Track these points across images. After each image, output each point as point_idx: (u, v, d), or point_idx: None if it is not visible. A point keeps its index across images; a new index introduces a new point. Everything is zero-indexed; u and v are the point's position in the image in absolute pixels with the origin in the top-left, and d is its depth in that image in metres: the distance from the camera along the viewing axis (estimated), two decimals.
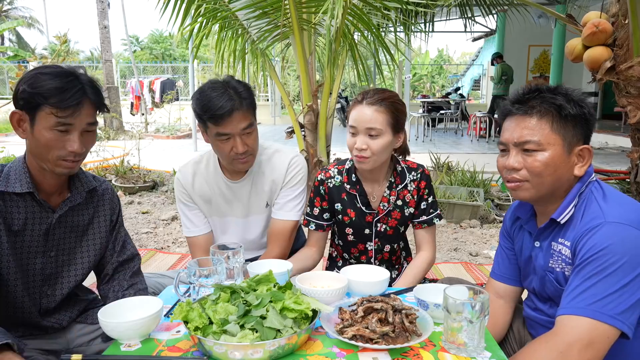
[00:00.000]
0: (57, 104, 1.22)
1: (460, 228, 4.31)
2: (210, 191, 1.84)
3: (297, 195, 1.84)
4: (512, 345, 1.49)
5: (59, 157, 1.28)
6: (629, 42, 3.26)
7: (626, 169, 4.18)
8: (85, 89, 1.28)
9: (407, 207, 1.78)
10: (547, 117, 1.19)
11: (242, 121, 1.62)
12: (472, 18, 5.53)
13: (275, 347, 1.02)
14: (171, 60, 29.91)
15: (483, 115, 10.68)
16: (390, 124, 1.63)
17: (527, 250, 1.37)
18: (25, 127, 1.27)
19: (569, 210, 1.22)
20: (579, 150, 1.21)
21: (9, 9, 27.20)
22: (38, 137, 1.25)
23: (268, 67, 3.89)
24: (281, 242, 1.83)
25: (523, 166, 1.21)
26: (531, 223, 1.36)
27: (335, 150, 6.20)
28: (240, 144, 1.63)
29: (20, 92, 1.24)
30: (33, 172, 1.34)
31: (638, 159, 3.56)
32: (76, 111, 1.25)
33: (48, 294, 1.40)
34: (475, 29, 10.89)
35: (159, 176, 6.16)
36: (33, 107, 1.23)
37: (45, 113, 1.23)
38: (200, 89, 1.65)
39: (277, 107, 16.40)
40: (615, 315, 1.06)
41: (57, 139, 1.25)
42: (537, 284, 1.34)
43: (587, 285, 1.09)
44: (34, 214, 1.34)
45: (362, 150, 1.62)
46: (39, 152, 1.28)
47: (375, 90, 1.66)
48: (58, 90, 1.22)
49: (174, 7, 3.47)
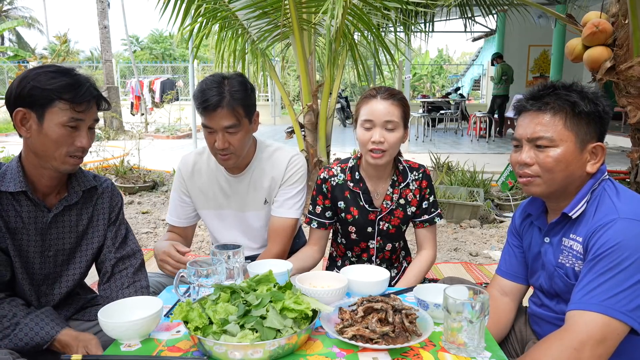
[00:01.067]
0: (72, 99, 1.25)
1: (460, 228, 4.31)
2: (208, 183, 1.85)
3: (297, 194, 1.84)
4: (514, 344, 1.49)
5: (67, 154, 1.29)
6: (629, 42, 3.26)
7: (626, 169, 4.18)
8: (90, 85, 1.30)
9: (409, 205, 1.78)
10: (560, 114, 1.20)
11: (226, 119, 1.61)
12: (472, 18, 5.54)
13: (275, 347, 1.02)
14: (171, 60, 29.91)
15: (483, 115, 10.67)
16: (402, 118, 1.66)
17: (536, 247, 1.37)
18: (29, 125, 1.27)
19: (580, 206, 1.22)
20: (592, 148, 1.22)
21: (9, 9, 27.19)
22: (48, 133, 1.25)
23: (268, 67, 3.89)
24: (281, 239, 1.83)
25: (535, 162, 1.22)
26: (541, 219, 1.37)
27: (335, 150, 6.20)
28: (221, 140, 1.64)
29: (28, 90, 1.23)
30: (29, 171, 1.33)
31: (638, 159, 3.57)
32: (88, 107, 1.29)
33: (47, 292, 1.41)
34: (475, 29, 10.90)
35: (159, 176, 6.16)
36: (43, 104, 1.24)
37: (58, 109, 1.24)
38: (205, 78, 1.68)
39: (277, 107, 16.40)
40: (627, 311, 1.06)
41: (68, 134, 1.27)
42: (545, 280, 1.34)
43: (600, 281, 1.10)
44: (29, 213, 1.34)
45: (380, 143, 1.62)
46: (44, 149, 1.27)
47: (385, 87, 1.69)
48: (71, 86, 1.25)
49: (173, 7, 3.47)
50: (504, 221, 4.48)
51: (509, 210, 4.79)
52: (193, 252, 3.71)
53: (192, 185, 1.86)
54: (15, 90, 1.25)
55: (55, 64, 1.34)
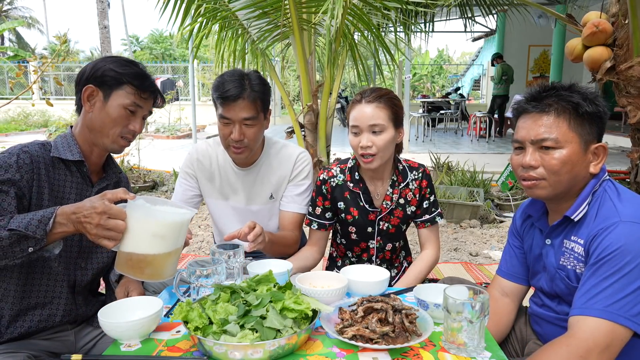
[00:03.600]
0: (139, 86, 1.41)
1: (460, 228, 4.31)
2: (217, 172, 1.89)
3: (305, 190, 1.88)
4: (514, 344, 1.49)
5: (120, 134, 1.42)
6: (629, 42, 3.26)
7: (626, 169, 4.18)
8: (153, 81, 1.47)
9: (409, 205, 1.78)
10: (564, 115, 1.19)
11: (245, 111, 1.66)
12: (472, 18, 5.53)
13: (275, 347, 1.02)
14: (171, 60, 29.90)
15: (483, 115, 10.67)
16: (391, 119, 1.65)
17: (537, 248, 1.37)
18: (94, 102, 1.40)
19: (582, 208, 1.22)
20: (594, 148, 1.21)
21: (9, 9, 27.19)
22: (109, 111, 1.39)
23: (268, 67, 3.89)
24: (293, 227, 1.87)
25: (540, 164, 1.21)
26: (542, 221, 1.36)
27: (335, 150, 6.20)
28: (237, 132, 1.68)
29: (103, 71, 1.38)
30: (81, 146, 1.43)
31: (638, 159, 3.56)
32: (149, 97, 1.46)
33: (82, 266, 1.45)
34: (475, 29, 10.90)
35: (159, 176, 6.16)
36: (112, 85, 1.39)
37: (125, 92, 1.40)
38: (224, 72, 1.72)
39: (277, 107, 16.41)
40: (630, 316, 1.06)
41: (125, 116, 1.41)
42: (546, 281, 1.34)
43: (603, 286, 1.09)
44: (75, 184, 1.42)
45: (368, 147, 1.63)
46: (102, 125, 1.40)
47: (372, 88, 1.69)
48: (141, 76, 1.42)
49: (173, 6, 3.46)
50: (504, 221, 4.48)
51: (509, 210, 4.78)
52: (193, 252, 3.71)
53: (200, 170, 1.90)
54: (90, 70, 1.40)
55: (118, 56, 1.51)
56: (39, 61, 5.56)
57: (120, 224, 1.12)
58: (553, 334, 1.32)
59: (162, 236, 1.14)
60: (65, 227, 1.14)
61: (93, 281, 1.52)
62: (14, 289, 1.32)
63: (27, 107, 15.01)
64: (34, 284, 1.35)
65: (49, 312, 1.39)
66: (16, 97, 4.78)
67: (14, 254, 1.12)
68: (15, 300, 1.32)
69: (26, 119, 15.51)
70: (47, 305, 1.38)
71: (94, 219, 1.11)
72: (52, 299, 1.38)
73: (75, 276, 1.44)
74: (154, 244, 1.14)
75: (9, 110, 14.96)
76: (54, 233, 1.14)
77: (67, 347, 1.44)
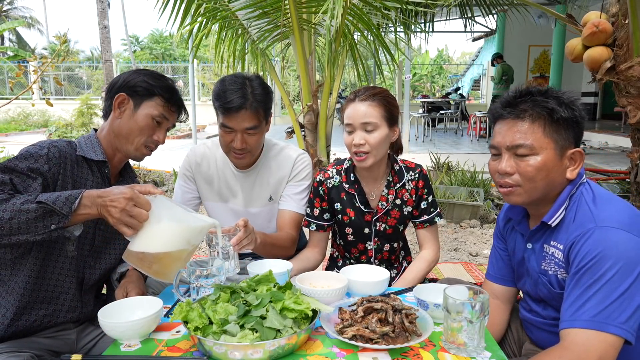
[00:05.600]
0: (169, 99, 1.50)
1: (460, 228, 4.31)
2: (215, 175, 1.89)
3: (303, 190, 1.87)
4: (511, 345, 1.49)
5: (144, 143, 1.49)
6: (629, 42, 3.27)
7: (626, 169, 4.18)
8: (181, 97, 1.56)
9: (405, 206, 1.78)
10: (539, 121, 1.18)
11: (247, 121, 1.65)
12: (472, 18, 5.54)
13: (275, 347, 1.02)
14: (171, 60, 29.91)
15: (483, 115, 10.67)
16: (384, 117, 1.64)
17: (519, 252, 1.37)
18: (124, 109, 1.47)
19: (559, 213, 1.21)
20: (570, 154, 1.20)
21: (9, 9, 27.18)
22: (137, 119, 1.47)
23: (268, 67, 3.89)
24: (290, 227, 1.84)
25: (516, 170, 1.20)
26: (523, 225, 1.36)
27: (335, 150, 6.19)
28: (239, 141, 1.67)
29: (136, 82, 1.47)
30: (105, 149, 1.49)
31: (638, 159, 3.57)
32: (176, 111, 1.55)
33: (92, 265, 1.47)
34: (475, 29, 10.90)
35: (159, 176, 6.15)
36: (144, 95, 1.47)
37: (155, 103, 1.48)
38: (224, 77, 1.71)
39: (277, 107, 16.42)
40: (619, 324, 1.04)
41: (152, 126, 1.49)
42: (530, 285, 1.33)
43: (587, 296, 1.08)
44: (97, 184, 1.45)
45: (361, 145, 1.62)
46: (129, 132, 1.47)
47: (366, 87, 1.69)
48: (172, 90, 1.52)
49: (173, 6, 3.46)
50: None
51: None
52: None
53: (198, 173, 1.90)
54: (123, 80, 1.49)
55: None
56: (39, 61, 5.56)
57: (144, 213, 1.14)
58: (545, 340, 1.32)
59: (180, 236, 1.16)
60: (89, 209, 1.16)
61: (100, 281, 1.54)
62: (25, 281, 1.34)
63: (27, 107, 15.03)
64: (45, 277, 1.37)
65: (54, 307, 1.40)
66: (16, 97, 4.78)
67: (36, 229, 1.13)
68: (26, 292, 1.34)
69: (26, 119, 15.53)
70: (54, 300, 1.40)
71: (121, 203, 1.13)
72: (59, 294, 1.40)
73: (84, 274, 1.46)
74: (170, 242, 1.15)
75: (9, 110, 14.98)
76: (78, 214, 1.15)
77: (69, 346, 1.45)
